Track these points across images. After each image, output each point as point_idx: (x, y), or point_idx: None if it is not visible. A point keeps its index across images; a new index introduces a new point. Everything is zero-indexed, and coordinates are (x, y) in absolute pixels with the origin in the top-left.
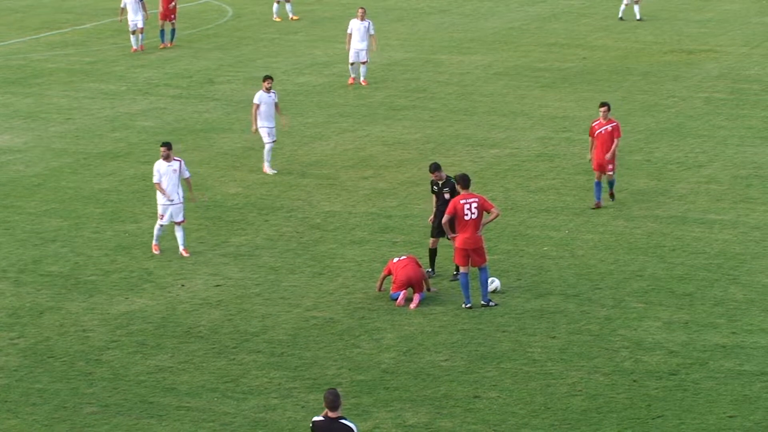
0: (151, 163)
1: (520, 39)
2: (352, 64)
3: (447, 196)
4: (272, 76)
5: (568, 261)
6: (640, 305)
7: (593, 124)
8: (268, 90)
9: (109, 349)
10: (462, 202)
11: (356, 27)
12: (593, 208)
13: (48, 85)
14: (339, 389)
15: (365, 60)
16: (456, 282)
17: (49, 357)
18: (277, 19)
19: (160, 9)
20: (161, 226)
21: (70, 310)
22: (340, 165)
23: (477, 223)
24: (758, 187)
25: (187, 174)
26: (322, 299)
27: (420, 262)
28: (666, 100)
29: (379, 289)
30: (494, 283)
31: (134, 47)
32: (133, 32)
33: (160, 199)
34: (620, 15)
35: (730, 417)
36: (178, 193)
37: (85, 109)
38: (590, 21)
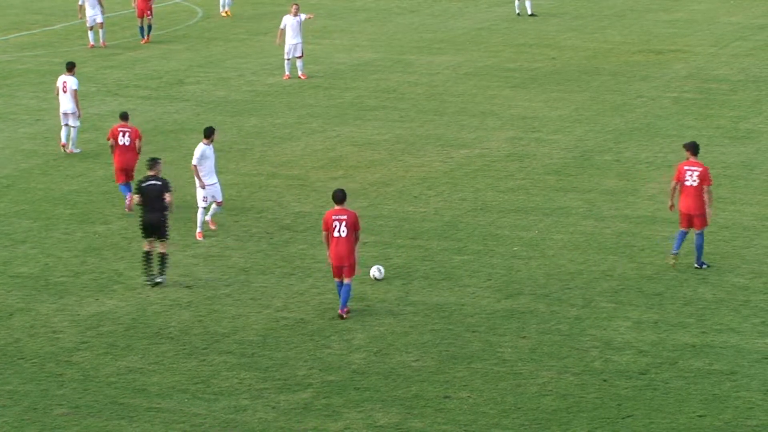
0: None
1: (489, 39)
2: (287, 59)
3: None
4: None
5: (538, 261)
6: (609, 305)
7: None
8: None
9: (79, 350)
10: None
11: (289, 23)
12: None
13: (17, 86)
14: (310, 389)
15: (300, 54)
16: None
17: (19, 358)
18: (224, 14)
19: (135, 5)
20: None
21: (40, 312)
22: (310, 166)
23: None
24: (727, 186)
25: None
26: (293, 300)
27: None
28: (635, 99)
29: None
30: (374, 272)
31: (92, 43)
32: (91, 28)
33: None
34: (517, 11)
35: (700, 416)
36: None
37: (54, 110)
38: (559, 21)
